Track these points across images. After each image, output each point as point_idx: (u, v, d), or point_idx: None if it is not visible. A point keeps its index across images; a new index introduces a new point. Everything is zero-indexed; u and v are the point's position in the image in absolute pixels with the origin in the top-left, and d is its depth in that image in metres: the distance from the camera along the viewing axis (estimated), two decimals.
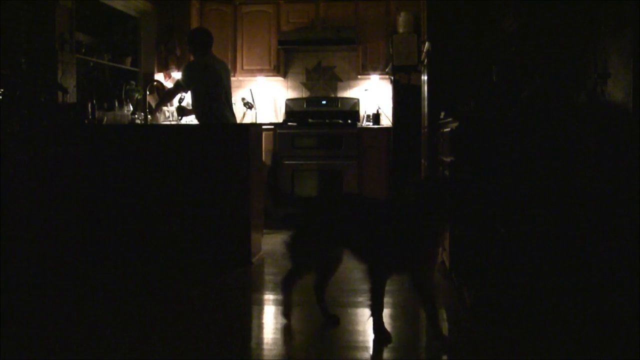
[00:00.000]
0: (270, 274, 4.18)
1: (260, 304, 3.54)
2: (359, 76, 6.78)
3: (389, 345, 2.71)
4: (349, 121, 6.56)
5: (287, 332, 2.98)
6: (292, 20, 6.71)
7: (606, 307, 3.06)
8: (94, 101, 4.76)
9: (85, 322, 3.07)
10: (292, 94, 7.05)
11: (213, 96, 5.00)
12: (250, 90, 6.94)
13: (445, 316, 3.29)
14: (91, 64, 5.47)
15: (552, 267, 3.39)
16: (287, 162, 6.31)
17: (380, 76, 6.70)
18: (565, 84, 3.63)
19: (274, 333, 2.99)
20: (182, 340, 2.78)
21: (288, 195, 4.80)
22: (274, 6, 6.73)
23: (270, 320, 3.27)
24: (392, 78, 6.24)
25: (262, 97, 7.02)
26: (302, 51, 6.99)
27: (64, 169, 3.82)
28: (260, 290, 3.80)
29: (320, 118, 6.64)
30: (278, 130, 6.33)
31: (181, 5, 6.38)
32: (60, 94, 4.62)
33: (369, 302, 2.75)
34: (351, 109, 6.81)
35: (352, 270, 4.10)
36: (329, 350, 2.71)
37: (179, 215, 4.33)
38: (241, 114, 6.96)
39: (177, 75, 6.58)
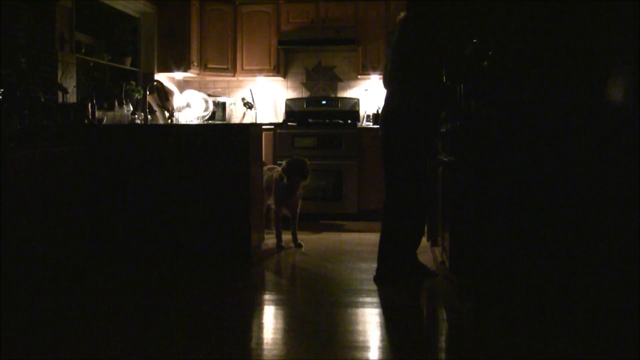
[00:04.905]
0: (270, 274, 4.18)
1: (260, 304, 3.54)
2: (359, 76, 6.77)
3: (389, 346, 2.72)
4: (349, 121, 6.56)
5: (287, 332, 2.98)
6: (292, 20, 6.70)
7: (606, 307, 3.06)
8: (94, 101, 4.75)
9: (85, 321, 3.07)
10: (292, 94, 7.05)
11: None
12: (250, 90, 6.93)
13: (445, 316, 3.29)
14: (91, 64, 5.46)
15: (552, 266, 3.39)
16: None
17: (380, 76, 6.70)
18: (565, 84, 3.63)
19: (274, 333, 3.00)
20: (182, 340, 2.78)
21: None
22: (274, 6, 6.73)
23: (270, 320, 3.27)
24: None
25: (262, 97, 7.02)
26: (302, 51, 6.99)
27: (64, 169, 3.82)
28: (260, 290, 3.79)
29: (320, 118, 6.63)
30: (278, 130, 6.32)
31: (181, 5, 6.37)
32: (60, 94, 4.61)
33: (369, 302, 2.75)
34: (351, 109, 6.81)
35: (352, 270, 4.11)
36: (329, 350, 2.71)
37: (179, 215, 4.33)
38: (241, 114, 6.97)
39: (177, 75, 6.58)
